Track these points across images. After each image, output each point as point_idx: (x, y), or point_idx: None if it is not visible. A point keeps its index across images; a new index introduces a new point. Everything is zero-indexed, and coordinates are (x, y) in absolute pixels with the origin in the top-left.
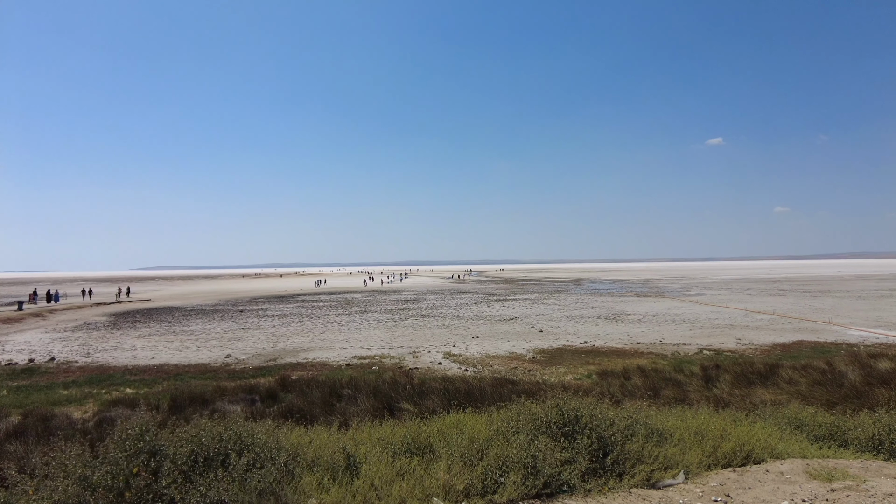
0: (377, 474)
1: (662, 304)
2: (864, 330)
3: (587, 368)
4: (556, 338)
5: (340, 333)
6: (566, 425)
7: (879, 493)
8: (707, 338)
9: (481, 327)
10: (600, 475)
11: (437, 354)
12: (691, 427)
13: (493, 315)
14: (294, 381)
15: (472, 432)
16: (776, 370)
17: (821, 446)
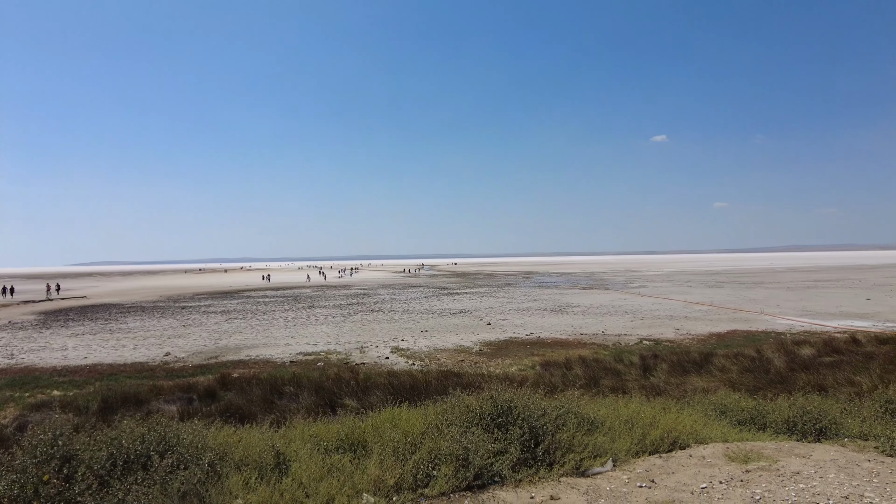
0: (307, 472)
1: (606, 297)
2: (792, 319)
3: (531, 360)
4: (504, 330)
5: (286, 330)
6: (500, 416)
7: (788, 472)
8: (647, 328)
9: (431, 321)
10: (531, 465)
11: (384, 349)
12: (622, 415)
13: (443, 309)
14: (235, 379)
15: (406, 426)
16: (710, 358)
17: (741, 430)
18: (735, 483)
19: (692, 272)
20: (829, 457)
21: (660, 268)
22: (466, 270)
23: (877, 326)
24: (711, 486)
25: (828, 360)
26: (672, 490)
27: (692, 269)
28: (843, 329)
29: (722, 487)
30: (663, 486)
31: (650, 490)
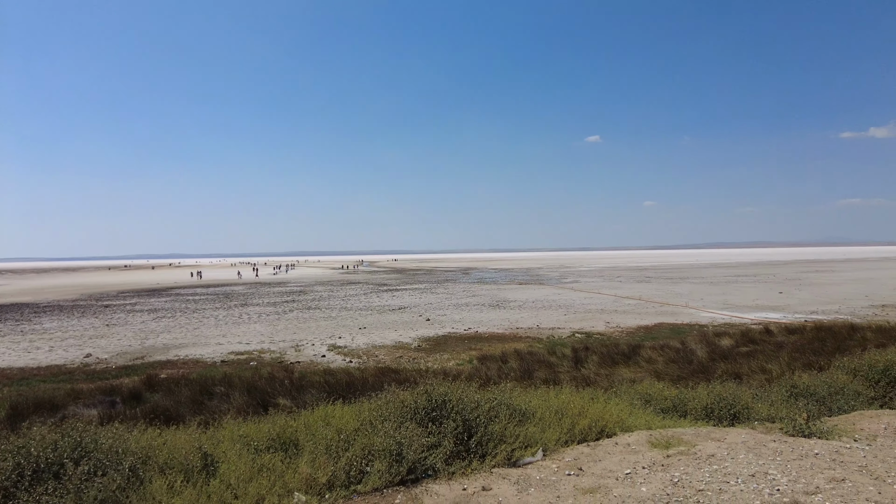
0: (236, 473)
1: (542, 291)
2: (714, 312)
3: (469, 354)
4: (443, 326)
5: (217, 328)
6: (434, 410)
7: (704, 455)
8: (580, 322)
9: (369, 318)
10: (464, 457)
11: (321, 347)
12: (553, 406)
13: (381, 305)
14: (162, 379)
15: (339, 424)
16: (638, 350)
17: (664, 418)
18: (656, 468)
19: (623, 268)
20: (740, 439)
21: (592, 263)
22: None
23: (787, 318)
24: (635, 471)
25: (744, 349)
26: (598, 477)
27: (623, 264)
28: (759, 321)
29: (644, 472)
30: (590, 473)
31: (578, 478)
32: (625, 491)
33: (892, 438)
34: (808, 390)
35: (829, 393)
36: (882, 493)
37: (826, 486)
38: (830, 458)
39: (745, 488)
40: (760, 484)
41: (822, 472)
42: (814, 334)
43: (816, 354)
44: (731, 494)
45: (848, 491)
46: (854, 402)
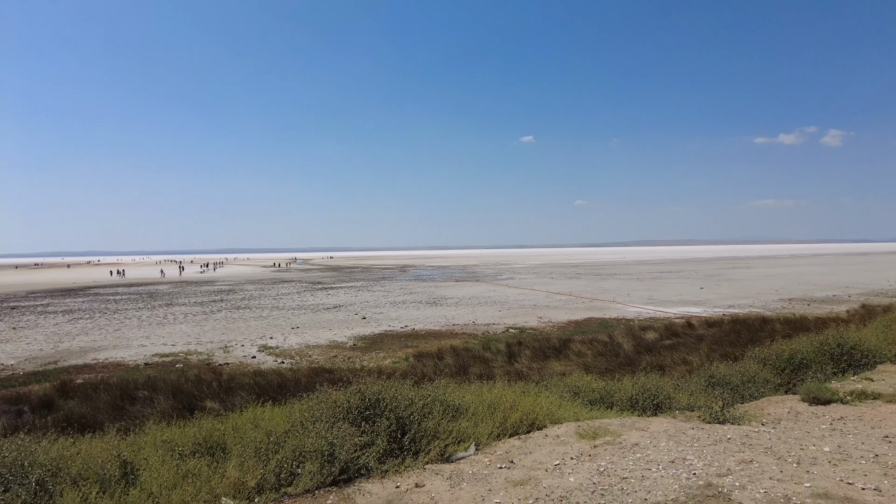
0: (158, 480)
1: (478, 288)
2: (640, 307)
3: (405, 352)
4: (379, 324)
5: (140, 330)
6: (367, 409)
7: (629, 444)
8: (514, 317)
9: (303, 317)
10: (398, 455)
11: (251, 348)
12: (486, 400)
13: (316, 304)
14: (78, 385)
15: (269, 425)
16: (568, 344)
17: (592, 409)
18: (584, 458)
19: (555, 265)
20: (662, 428)
21: (527, 261)
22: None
23: (707, 312)
24: (563, 462)
25: (667, 342)
26: (529, 469)
27: (555, 261)
28: (681, 315)
29: (573, 463)
30: (521, 465)
31: (509, 470)
32: (553, 482)
33: (793, 421)
34: (724, 380)
35: (742, 381)
36: (783, 472)
37: (736, 468)
38: (741, 442)
39: (665, 474)
40: (679, 469)
41: (733, 455)
42: (731, 327)
43: (733, 346)
44: (653, 480)
45: (755, 471)
46: (763, 389)
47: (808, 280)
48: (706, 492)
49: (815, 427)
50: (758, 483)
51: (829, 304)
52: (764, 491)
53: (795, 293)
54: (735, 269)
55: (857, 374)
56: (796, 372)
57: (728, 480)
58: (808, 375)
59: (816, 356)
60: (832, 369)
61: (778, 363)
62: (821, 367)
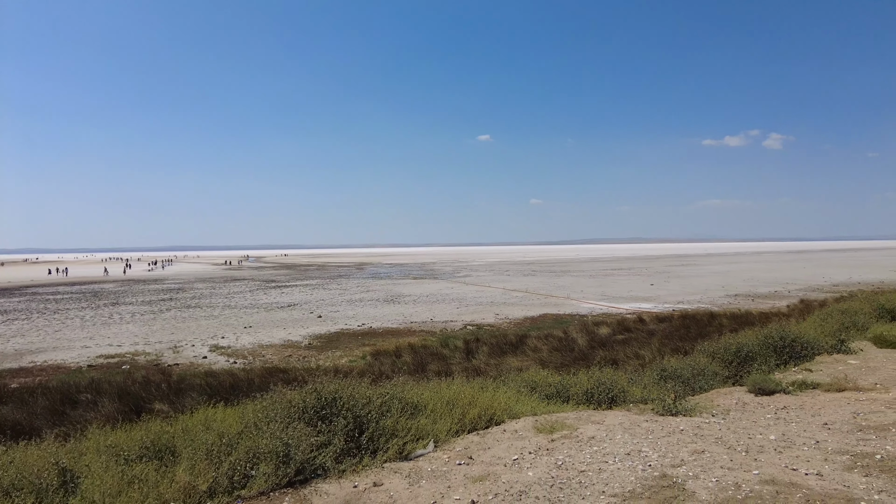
0: (101, 487)
1: (436, 286)
2: (593, 303)
3: (362, 350)
4: (335, 322)
5: (83, 330)
6: (324, 408)
7: (585, 437)
8: (471, 314)
9: (256, 316)
10: (355, 454)
11: (202, 348)
12: (444, 397)
13: (269, 302)
14: (13, 389)
15: (221, 427)
16: (524, 340)
17: (549, 403)
18: (542, 452)
19: (511, 262)
20: (617, 421)
21: (484, 258)
22: (297, 262)
23: (657, 307)
24: (522, 456)
25: (620, 337)
26: (488, 464)
27: (511, 259)
28: (633, 310)
29: (531, 457)
30: (480, 461)
31: (468, 467)
32: (512, 476)
33: (741, 411)
34: (675, 373)
35: (693, 374)
36: (733, 461)
37: (689, 459)
38: (693, 433)
39: (621, 466)
40: (635, 461)
41: (685, 445)
42: (680, 322)
43: (682, 340)
44: (610, 473)
45: (706, 461)
46: (713, 382)
47: (752, 277)
48: (661, 482)
49: (761, 416)
50: (709, 472)
51: (772, 299)
52: (716, 480)
53: (740, 289)
54: (683, 267)
55: (798, 365)
56: (743, 364)
57: (682, 471)
58: (753, 367)
59: (761, 349)
60: (775, 361)
61: (726, 356)
62: (765, 359)
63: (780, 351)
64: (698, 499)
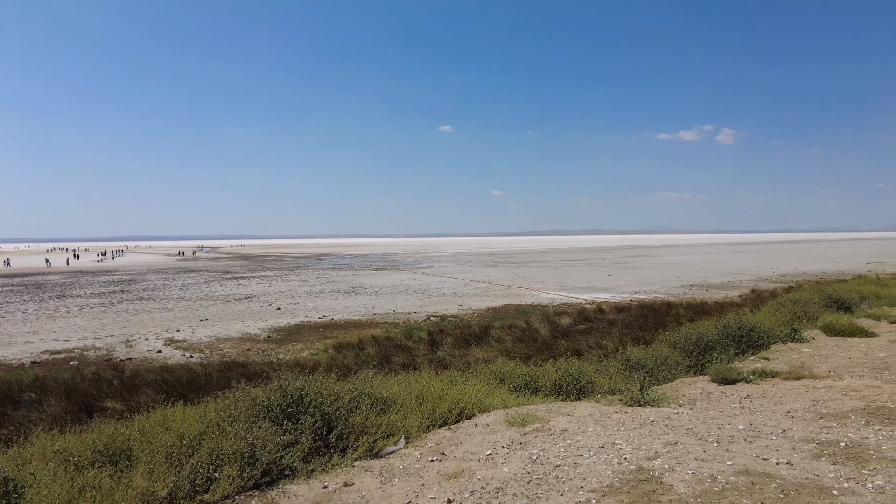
0: (48, 497)
1: (398, 277)
2: (553, 293)
3: (324, 343)
4: (295, 315)
5: (26, 325)
6: (290, 406)
7: (558, 430)
8: (434, 305)
9: (212, 308)
10: (324, 453)
11: (156, 342)
12: (414, 391)
13: (226, 294)
14: None
15: (181, 428)
16: (488, 331)
17: (518, 396)
18: (515, 446)
19: (472, 253)
20: (587, 412)
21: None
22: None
23: (616, 297)
24: (495, 451)
25: (581, 327)
26: (461, 460)
27: (472, 249)
28: (592, 300)
29: (505, 452)
30: (453, 457)
31: (441, 463)
32: (488, 473)
33: (706, 401)
34: (639, 363)
35: (656, 364)
36: (707, 452)
37: (663, 451)
38: (664, 424)
39: (597, 459)
40: (610, 454)
41: (658, 437)
42: (639, 312)
43: (642, 330)
44: (586, 467)
45: (680, 452)
46: (676, 371)
47: (705, 267)
48: (638, 476)
49: (727, 406)
50: (685, 464)
51: (725, 289)
52: (692, 472)
53: (694, 279)
54: (640, 258)
55: (756, 353)
56: (703, 353)
57: (657, 463)
58: (713, 357)
59: (720, 339)
60: (734, 350)
61: (687, 346)
62: (725, 348)
63: (738, 340)
64: (676, 492)
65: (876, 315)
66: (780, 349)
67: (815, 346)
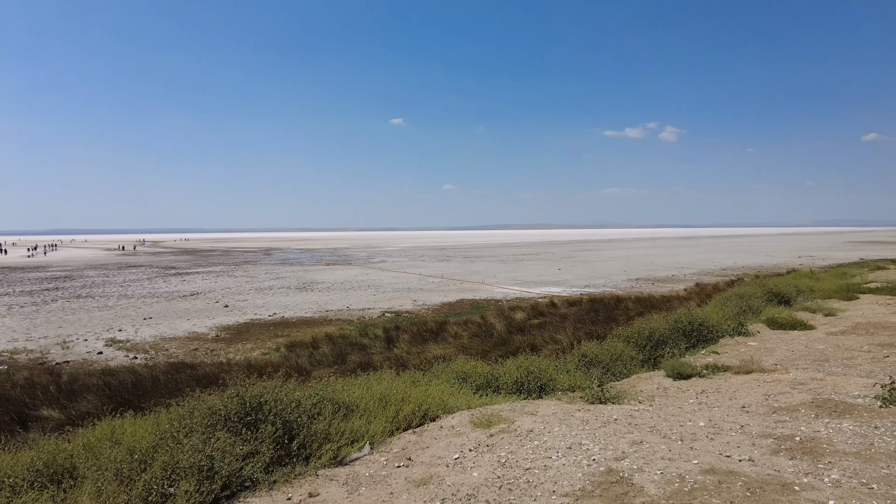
0: None
1: (350, 272)
2: (507, 287)
3: (276, 342)
4: (244, 312)
5: None
6: (248, 414)
7: (524, 431)
8: (389, 301)
9: (156, 306)
10: (286, 462)
11: (97, 342)
12: (376, 395)
13: (171, 291)
14: None
15: (132, 441)
16: (444, 327)
17: (481, 395)
18: (483, 449)
19: (426, 247)
20: (551, 411)
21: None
22: (199, 247)
23: (567, 291)
24: (463, 455)
25: (535, 322)
26: (428, 465)
27: (425, 244)
28: (544, 294)
29: (472, 455)
30: (420, 462)
31: (408, 469)
32: (457, 478)
33: (664, 397)
34: (596, 359)
35: (612, 360)
36: (672, 450)
37: (630, 450)
38: (627, 423)
39: (566, 462)
40: (578, 455)
41: (623, 436)
42: (589, 306)
43: (594, 324)
44: (556, 469)
45: (647, 452)
46: (631, 366)
47: (650, 261)
48: (609, 478)
49: (685, 402)
50: (652, 464)
51: (670, 282)
52: (660, 472)
53: (641, 273)
54: (588, 252)
55: (706, 348)
56: (656, 348)
57: (626, 464)
58: (666, 351)
59: (672, 333)
60: (685, 345)
61: (640, 341)
62: (676, 343)
63: (689, 335)
64: (648, 494)
65: (812, 308)
66: (728, 343)
67: (760, 340)
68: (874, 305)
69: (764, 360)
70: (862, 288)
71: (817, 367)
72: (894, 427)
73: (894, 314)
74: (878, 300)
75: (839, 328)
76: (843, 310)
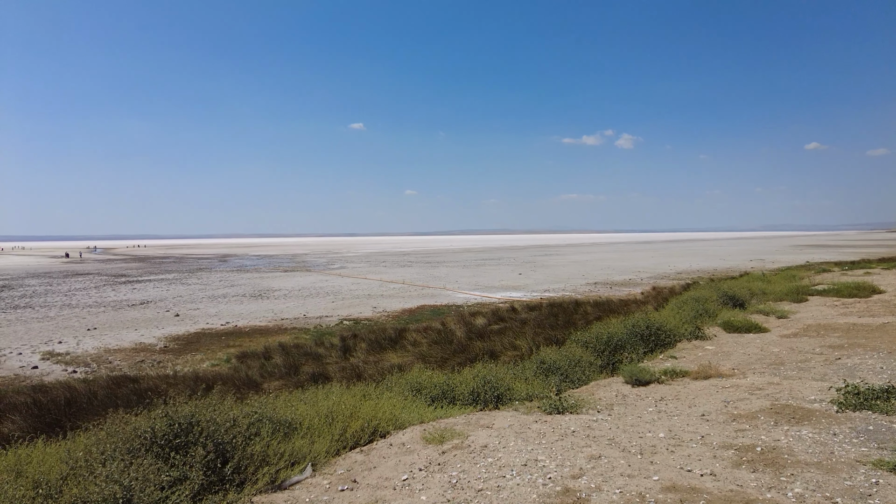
0: None
1: (308, 278)
2: (468, 293)
3: (227, 352)
4: (195, 322)
5: None
6: (177, 436)
7: (478, 447)
8: (348, 308)
9: (102, 316)
10: (218, 489)
11: (32, 356)
12: (322, 411)
13: (118, 300)
14: None
15: (39, 472)
16: (404, 334)
17: (436, 407)
18: (433, 468)
19: (387, 252)
20: (507, 423)
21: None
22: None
23: (527, 296)
24: (412, 475)
25: (496, 327)
26: (374, 488)
27: (387, 249)
28: (505, 299)
29: (422, 476)
30: (365, 484)
31: (353, 492)
32: (404, 503)
33: (623, 406)
34: (554, 365)
35: (570, 366)
36: (631, 465)
37: (587, 467)
38: (585, 435)
39: (520, 481)
40: (533, 474)
41: (581, 451)
42: (549, 310)
43: (553, 329)
44: (510, 490)
45: (605, 468)
46: (589, 372)
47: (608, 266)
48: (564, 499)
49: (644, 410)
50: (611, 482)
51: (627, 286)
52: (619, 490)
53: (599, 277)
54: (547, 256)
55: (664, 352)
56: (615, 353)
57: (583, 482)
58: (624, 356)
59: (630, 338)
60: (644, 349)
61: (598, 346)
62: (635, 347)
63: (647, 339)
64: None
65: (766, 311)
66: (685, 347)
67: (717, 344)
68: (822, 307)
69: (721, 364)
70: (810, 290)
71: (773, 370)
72: (852, 434)
73: (842, 315)
74: (826, 302)
75: (791, 330)
76: (795, 311)
